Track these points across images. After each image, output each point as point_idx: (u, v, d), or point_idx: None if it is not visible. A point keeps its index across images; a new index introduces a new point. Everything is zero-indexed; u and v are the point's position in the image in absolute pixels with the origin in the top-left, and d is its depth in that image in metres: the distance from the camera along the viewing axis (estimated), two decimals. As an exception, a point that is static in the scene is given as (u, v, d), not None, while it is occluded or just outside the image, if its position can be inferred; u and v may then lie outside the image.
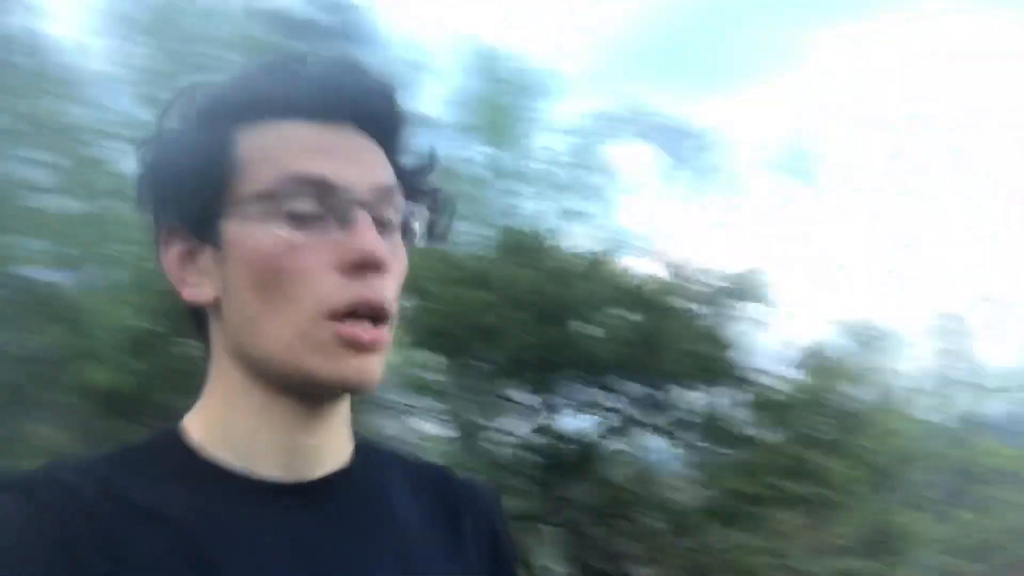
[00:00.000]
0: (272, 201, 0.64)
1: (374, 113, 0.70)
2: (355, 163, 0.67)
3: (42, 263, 6.89)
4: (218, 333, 0.69)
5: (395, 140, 0.72)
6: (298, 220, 0.64)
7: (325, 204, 0.65)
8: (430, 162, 0.76)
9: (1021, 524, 8.83)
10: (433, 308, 6.32)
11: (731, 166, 10.30)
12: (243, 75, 0.71)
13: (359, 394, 0.68)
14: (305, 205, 0.65)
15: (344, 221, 0.65)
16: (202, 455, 0.67)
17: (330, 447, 0.71)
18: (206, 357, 0.71)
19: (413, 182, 0.74)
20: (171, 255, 0.69)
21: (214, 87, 0.70)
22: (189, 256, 0.69)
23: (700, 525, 6.66)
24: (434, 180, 0.77)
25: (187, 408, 0.71)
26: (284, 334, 0.64)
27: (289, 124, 0.67)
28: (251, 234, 0.65)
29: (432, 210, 0.76)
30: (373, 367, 0.65)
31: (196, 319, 0.71)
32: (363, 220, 0.65)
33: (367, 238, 0.64)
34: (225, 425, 0.68)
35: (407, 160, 0.74)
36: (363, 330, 0.64)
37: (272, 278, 0.64)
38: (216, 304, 0.68)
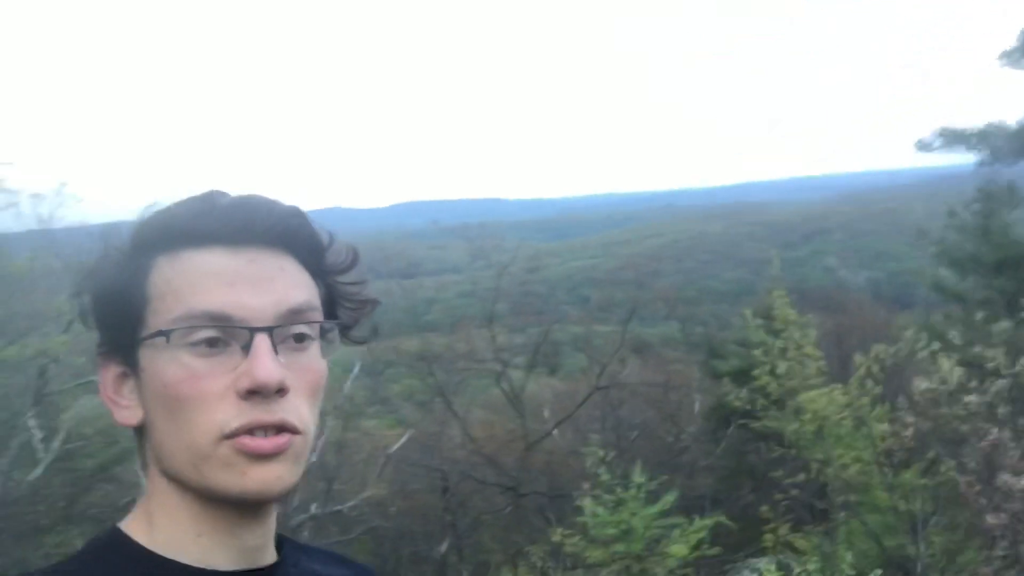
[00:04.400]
0: (177, 333, 0.69)
1: (287, 232, 0.74)
2: (259, 289, 0.71)
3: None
4: (149, 451, 0.74)
5: (313, 256, 0.76)
6: (203, 348, 0.69)
7: (227, 333, 0.69)
8: (350, 263, 0.80)
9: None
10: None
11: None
12: (166, 207, 0.75)
13: (266, 502, 0.71)
14: (208, 334, 0.69)
15: (244, 347, 0.69)
16: (162, 556, 0.70)
17: (269, 545, 0.76)
18: (143, 470, 0.75)
19: (335, 292, 0.79)
20: (107, 378, 0.74)
21: (142, 218, 0.74)
22: (122, 379, 0.74)
23: None
24: (354, 281, 0.80)
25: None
26: (189, 455, 0.69)
27: (201, 253, 0.71)
28: (160, 364, 0.69)
29: (352, 314, 0.80)
30: (275, 474, 0.69)
31: (137, 435, 0.75)
32: (260, 346, 0.68)
33: (262, 365, 0.67)
34: (169, 530, 0.72)
35: (331, 271, 0.78)
36: (264, 440, 0.68)
37: (177, 405, 0.68)
38: (143, 425, 0.73)
